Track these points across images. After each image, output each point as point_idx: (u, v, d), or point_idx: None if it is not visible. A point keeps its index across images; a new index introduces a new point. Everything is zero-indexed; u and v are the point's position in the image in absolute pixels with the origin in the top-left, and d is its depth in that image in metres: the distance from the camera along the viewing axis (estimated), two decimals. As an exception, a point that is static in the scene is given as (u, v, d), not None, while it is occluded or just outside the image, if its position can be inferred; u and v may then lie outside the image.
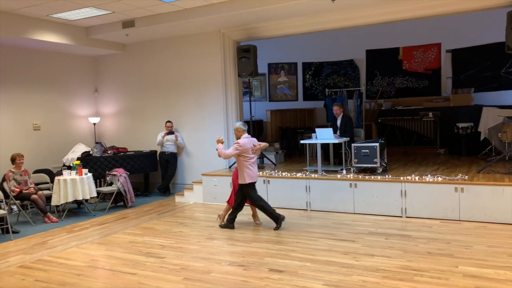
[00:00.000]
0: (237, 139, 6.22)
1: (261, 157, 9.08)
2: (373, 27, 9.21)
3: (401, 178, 6.73)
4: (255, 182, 6.24)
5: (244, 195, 6.21)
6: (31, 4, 7.26)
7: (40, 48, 9.14)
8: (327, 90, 11.43)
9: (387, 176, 6.97)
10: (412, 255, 4.82)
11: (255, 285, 4.18)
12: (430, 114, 10.15)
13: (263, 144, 6.37)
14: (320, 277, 4.29)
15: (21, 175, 7.37)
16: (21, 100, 9.02)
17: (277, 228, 6.10)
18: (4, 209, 6.57)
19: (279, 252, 5.12)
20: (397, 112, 10.86)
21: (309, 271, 4.45)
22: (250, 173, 6.11)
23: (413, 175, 6.85)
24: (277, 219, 6.14)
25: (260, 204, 6.21)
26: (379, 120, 10.82)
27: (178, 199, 8.70)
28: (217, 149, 6.21)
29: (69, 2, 7.25)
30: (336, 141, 7.77)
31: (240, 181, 6.14)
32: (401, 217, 6.57)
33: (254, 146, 6.19)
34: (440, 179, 6.51)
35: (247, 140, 6.17)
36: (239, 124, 6.32)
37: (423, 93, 11.34)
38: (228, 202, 6.58)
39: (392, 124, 10.71)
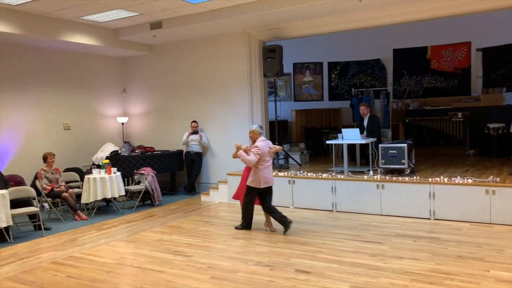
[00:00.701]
0: (253, 142, 6.04)
1: (286, 157, 9.08)
2: (401, 26, 9.07)
3: (430, 179, 6.62)
4: (269, 187, 6.08)
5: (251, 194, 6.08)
6: (62, 7, 7.45)
7: (70, 49, 9.38)
8: (353, 89, 11.33)
9: (415, 177, 6.86)
10: (441, 258, 4.74)
11: (282, 285, 4.18)
12: (459, 114, 9.94)
13: (278, 147, 6.32)
14: (347, 278, 4.26)
15: (52, 174, 7.57)
16: (52, 100, 9.27)
17: (237, 227, 6.33)
18: (36, 207, 6.76)
19: (305, 253, 5.11)
20: (425, 112, 10.68)
21: (335, 273, 4.43)
22: (266, 178, 5.95)
23: (442, 177, 6.72)
24: (248, 225, 6.26)
25: (246, 205, 6.17)
26: (407, 121, 10.66)
27: (203, 198, 8.78)
28: (239, 157, 5.91)
29: (99, 5, 7.40)
30: (363, 141, 7.69)
31: (253, 185, 5.97)
32: (430, 219, 6.46)
33: (270, 148, 6.10)
34: (470, 181, 6.36)
35: (264, 143, 6.02)
36: (256, 127, 6.12)
37: (452, 93, 11.12)
38: (234, 197, 6.63)
39: (420, 124, 10.53)
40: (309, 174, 7.68)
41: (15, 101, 8.61)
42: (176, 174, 9.87)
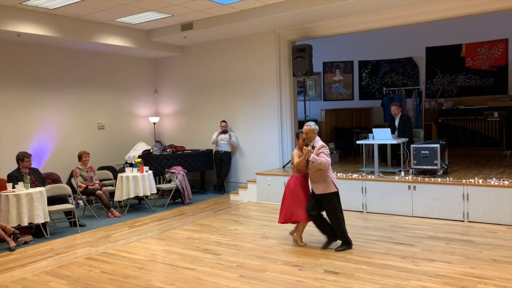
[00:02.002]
0: (309, 141, 5.21)
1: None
2: (434, 24, 8.87)
3: (463, 181, 6.45)
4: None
5: (325, 206, 5.26)
6: (96, 9, 7.66)
7: (104, 51, 9.63)
8: (384, 89, 11.16)
9: (448, 178, 6.71)
10: (475, 262, 4.62)
11: (310, 285, 4.18)
12: (496, 114, 9.63)
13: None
14: (377, 280, 4.22)
15: (87, 172, 7.80)
16: (87, 101, 9.54)
17: (339, 249, 5.24)
18: (72, 204, 6.99)
19: (334, 254, 5.08)
20: (459, 112, 10.40)
21: (365, 274, 4.39)
22: (335, 180, 5.27)
23: (476, 178, 6.54)
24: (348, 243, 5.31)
25: (339, 222, 5.27)
26: (440, 120, 10.42)
27: (232, 197, 8.85)
28: (313, 161, 5.03)
29: (132, 7, 7.57)
30: (394, 141, 7.58)
31: (329, 190, 5.16)
32: (463, 221, 6.30)
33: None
34: (506, 182, 6.16)
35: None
36: (313, 125, 5.28)
37: (487, 91, 10.78)
38: (282, 222, 5.47)
39: (454, 124, 10.27)
40: (339, 174, 7.61)
41: (52, 102, 8.91)
42: (205, 173, 9.99)
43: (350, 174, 7.59)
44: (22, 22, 7.40)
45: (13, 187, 6.27)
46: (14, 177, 6.60)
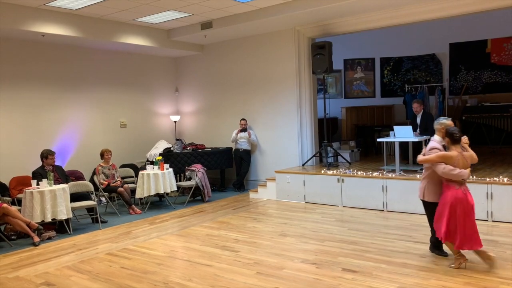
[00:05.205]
0: None
1: (336, 155, 8.97)
2: (457, 19, 8.67)
3: (487, 179, 6.30)
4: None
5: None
6: (118, 9, 7.78)
7: (126, 50, 9.77)
8: (406, 86, 10.98)
9: (471, 177, 6.54)
10: (498, 262, 4.47)
11: (328, 283, 4.15)
12: (523, 111, 9.39)
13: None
14: (396, 279, 4.16)
15: (109, 169, 7.93)
16: (109, 100, 9.70)
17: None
18: (94, 200, 7.12)
19: (353, 252, 5.03)
20: (484, 109, 10.16)
21: (384, 273, 4.33)
22: None
23: (501, 177, 6.37)
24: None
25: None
26: (464, 118, 10.20)
27: (252, 195, 8.86)
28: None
29: (152, 7, 7.66)
30: (416, 139, 7.45)
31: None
32: (487, 220, 6.15)
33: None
34: (532, 181, 6.00)
35: None
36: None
37: (514, 88, 10.50)
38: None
39: (478, 122, 10.05)
40: (359, 172, 7.54)
41: (75, 101, 9.09)
42: (225, 171, 10.02)
43: (370, 172, 7.50)
44: (46, 23, 7.57)
45: (37, 184, 6.43)
46: (38, 174, 6.76)
